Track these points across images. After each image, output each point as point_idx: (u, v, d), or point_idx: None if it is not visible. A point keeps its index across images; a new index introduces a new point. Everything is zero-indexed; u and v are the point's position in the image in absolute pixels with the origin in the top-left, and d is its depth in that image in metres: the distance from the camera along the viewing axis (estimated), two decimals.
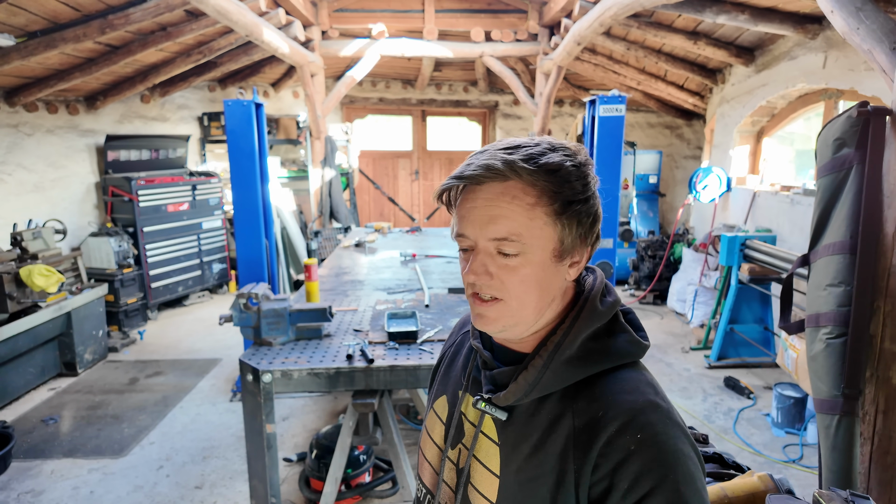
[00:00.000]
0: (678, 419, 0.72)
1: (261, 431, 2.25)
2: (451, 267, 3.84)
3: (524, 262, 0.73)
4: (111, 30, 3.82)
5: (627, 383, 0.74)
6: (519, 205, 0.71)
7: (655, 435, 0.68)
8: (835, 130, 1.61)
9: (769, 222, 4.73)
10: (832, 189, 1.61)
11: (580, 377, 0.75)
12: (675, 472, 0.66)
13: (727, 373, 4.18)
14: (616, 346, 0.77)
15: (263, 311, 2.40)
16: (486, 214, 0.72)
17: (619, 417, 0.69)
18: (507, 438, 0.78)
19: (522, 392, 0.76)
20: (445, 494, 0.86)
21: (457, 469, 0.85)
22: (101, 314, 4.64)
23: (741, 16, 4.00)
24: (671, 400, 0.76)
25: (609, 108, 3.80)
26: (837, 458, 1.48)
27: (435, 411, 0.94)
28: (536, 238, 0.72)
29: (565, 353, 0.75)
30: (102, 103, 5.42)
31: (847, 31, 1.72)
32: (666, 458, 0.67)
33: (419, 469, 0.96)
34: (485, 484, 0.79)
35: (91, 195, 5.52)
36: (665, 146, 8.05)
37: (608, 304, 0.79)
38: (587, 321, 0.76)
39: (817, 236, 1.67)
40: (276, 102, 7.78)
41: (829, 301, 1.55)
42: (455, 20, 6.22)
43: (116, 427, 3.52)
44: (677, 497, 0.65)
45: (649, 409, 0.70)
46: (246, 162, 3.64)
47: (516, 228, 0.71)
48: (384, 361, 2.19)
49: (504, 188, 0.72)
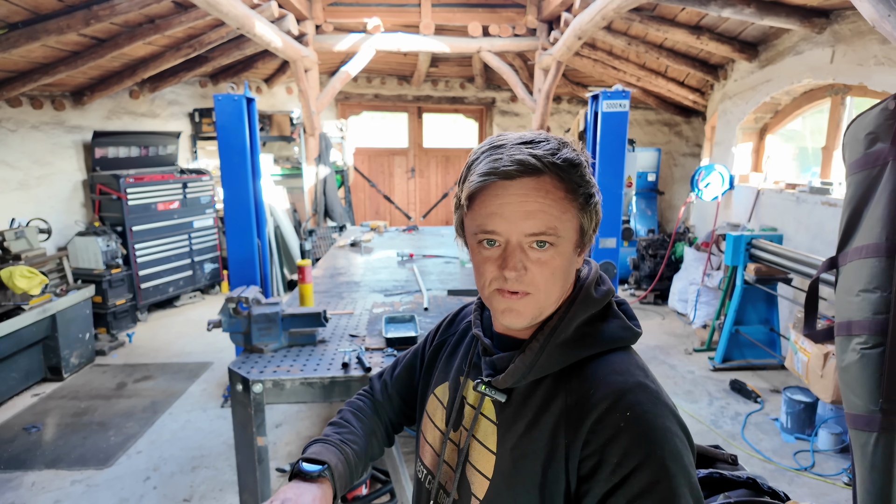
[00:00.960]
0: (666, 400, 0.75)
1: (251, 444, 2.12)
2: (449, 267, 3.72)
3: (556, 254, 0.75)
4: (96, 21, 3.67)
5: (618, 365, 0.77)
6: (553, 199, 0.74)
7: (643, 413, 0.70)
8: (867, 124, 1.50)
9: (774, 221, 4.63)
10: (864, 187, 1.50)
11: (574, 360, 0.78)
12: (661, 449, 0.69)
13: (732, 375, 4.09)
14: (609, 331, 0.80)
15: (254, 317, 2.27)
16: (521, 210, 0.73)
17: (609, 396, 0.72)
18: (505, 418, 0.81)
19: (520, 374, 0.79)
20: (445, 474, 0.90)
21: (458, 449, 0.88)
22: (88, 316, 4.49)
23: (747, 9, 3.89)
24: (676, 404, 0.79)
25: (612, 103, 3.68)
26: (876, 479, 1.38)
27: (436, 396, 0.98)
28: (568, 231, 0.76)
29: (560, 336, 0.78)
30: (90, 99, 5.26)
31: (876, 18, 1.61)
32: (653, 435, 0.69)
33: (420, 452, 1.00)
34: (482, 461, 0.82)
35: (78, 193, 5.36)
36: (663, 143, 7.95)
37: (602, 293, 0.83)
38: (582, 307, 0.80)
39: (847, 238, 1.56)
40: (269, 98, 7.63)
41: (862, 308, 1.45)
42: (452, 14, 6.09)
43: (102, 435, 3.38)
44: (664, 472, 0.67)
45: (638, 389, 0.73)
46: (237, 159, 3.50)
47: (553, 222, 0.74)
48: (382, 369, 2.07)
49: (537, 183, 0.74)
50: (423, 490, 0.97)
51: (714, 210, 5.58)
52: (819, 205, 4.04)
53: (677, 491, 0.68)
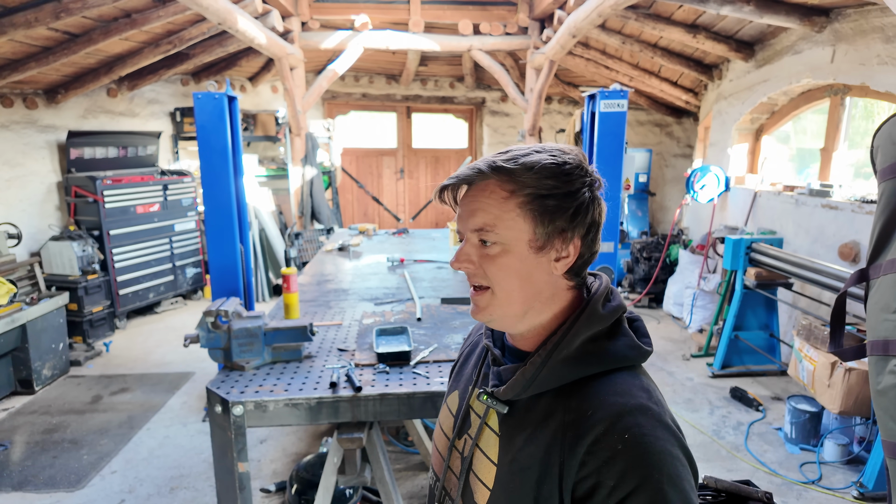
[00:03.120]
0: (669, 423, 0.73)
1: (232, 470, 1.95)
2: (441, 273, 3.57)
3: (502, 251, 0.78)
4: (66, 14, 3.47)
5: (620, 386, 0.75)
6: (494, 198, 0.78)
7: (643, 436, 0.69)
8: None
9: (772, 224, 4.54)
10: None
11: (576, 377, 0.77)
12: (659, 472, 0.67)
13: (732, 382, 3.98)
14: (614, 350, 0.79)
15: (234, 331, 2.11)
16: (468, 209, 0.80)
17: (608, 418, 0.71)
18: (507, 430, 0.82)
19: (520, 387, 0.79)
20: (450, 481, 0.91)
21: (461, 457, 0.89)
22: (62, 325, 4.28)
23: (746, 7, 3.79)
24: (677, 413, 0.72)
25: (610, 103, 3.55)
26: None
27: (448, 406, 0.99)
28: (509, 229, 0.77)
29: (563, 352, 0.78)
30: (64, 97, 5.02)
31: None
32: (651, 459, 0.68)
33: (432, 458, 1.01)
34: (484, 471, 0.83)
35: (52, 196, 5.13)
36: (654, 144, 7.87)
37: (610, 309, 0.81)
38: (586, 323, 0.79)
39: (880, 249, 1.44)
40: (253, 97, 7.42)
41: None
42: (442, 12, 5.95)
43: (74, 454, 3.18)
44: (661, 497, 0.66)
45: (638, 412, 0.71)
46: (218, 160, 3.32)
47: (490, 219, 0.77)
48: (373, 389, 1.91)
49: (484, 185, 0.79)
50: (432, 494, 0.98)
51: (708, 212, 5.49)
52: (819, 207, 3.95)
53: None
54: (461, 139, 8.62)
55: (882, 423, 1.37)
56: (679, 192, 7.33)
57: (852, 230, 3.64)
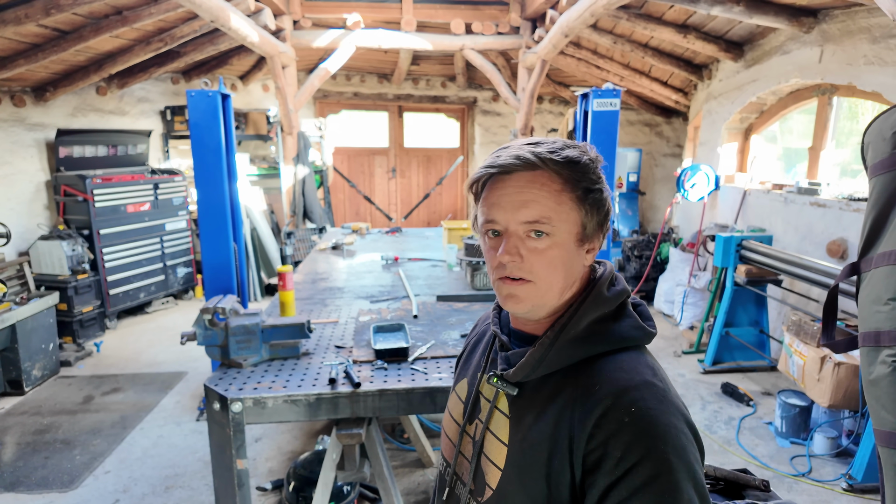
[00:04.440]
0: (674, 398, 0.76)
1: (230, 467, 1.95)
2: (436, 271, 3.58)
3: (552, 243, 0.79)
4: (57, 11, 3.43)
5: (626, 363, 0.78)
6: (547, 191, 0.78)
7: (647, 410, 0.71)
8: (894, 121, 1.42)
9: (761, 221, 4.61)
10: (892, 189, 1.41)
11: (583, 356, 0.80)
12: (664, 444, 0.69)
13: (723, 378, 4.03)
14: (620, 330, 0.82)
15: (232, 328, 2.10)
16: (517, 200, 0.79)
17: (614, 393, 0.73)
18: (516, 411, 0.84)
19: (530, 368, 0.82)
20: (461, 465, 0.93)
21: (473, 441, 0.91)
22: (52, 325, 4.23)
23: (736, 7, 3.84)
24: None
25: (603, 102, 3.58)
26: None
27: (457, 393, 1.01)
28: (563, 221, 0.79)
29: (570, 333, 0.80)
30: (53, 95, 4.97)
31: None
32: (657, 430, 0.70)
33: (441, 445, 1.03)
34: (495, 452, 0.85)
35: (41, 195, 5.07)
36: (644, 144, 7.93)
37: (615, 293, 0.84)
38: (592, 305, 0.82)
39: (871, 243, 1.47)
40: (244, 96, 7.38)
41: (893, 318, 1.36)
42: (434, 11, 5.96)
43: (67, 454, 3.15)
44: (666, 466, 0.68)
45: (643, 387, 0.74)
46: (211, 158, 3.30)
47: (546, 212, 0.78)
48: (372, 385, 1.92)
49: (533, 176, 0.79)
50: (442, 480, 1.00)
51: (699, 210, 5.55)
52: (807, 205, 4.01)
53: (679, 485, 0.69)
54: (453, 139, 8.63)
55: (874, 413, 1.41)
56: (668, 191, 7.40)
57: (840, 228, 3.70)
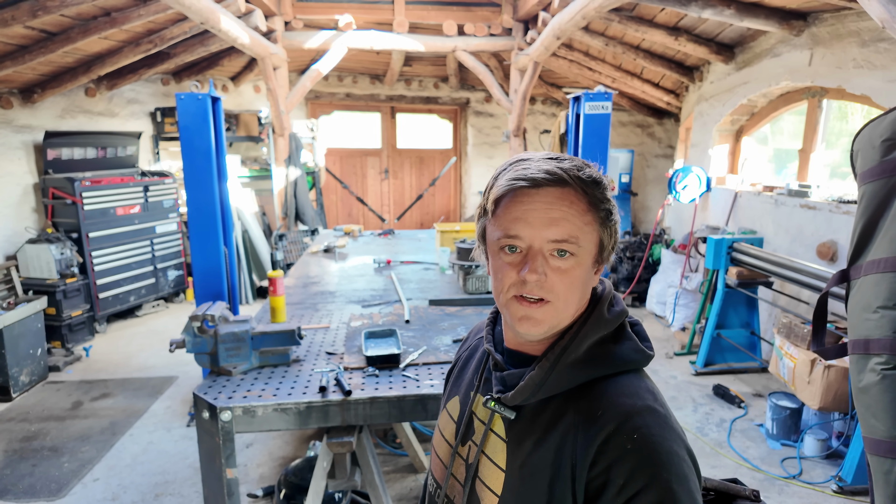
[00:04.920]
0: (675, 425, 0.75)
1: (220, 476, 1.93)
2: (429, 274, 3.57)
3: (576, 264, 0.77)
4: (44, 13, 3.39)
5: (628, 387, 0.77)
6: (576, 210, 0.76)
7: (651, 436, 0.71)
8: (883, 129, 1.42)
9: (752, 223, 4.63)
10: (881, 197, 1.41)
11: (583, 380, 0.78)
12: (668, 472, 0.69)
13: (715, 380, 4.05)
14: (620, 353, 0.80)
15: (221, 336, 2.08)
16: (546, 217, 0.76)
17: (617, 418, 0.72)
18: (514, 435, 0.81)
19: (529, 392, 0.79)
20: (454, 488, 0.90)
21: (466, 464, 0.88)
22: (40, 330, 4.18)
23: (727, 10, 3.86)
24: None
25: (595, 105, 3.58)
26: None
27: (448, 412, 0.98)
28: (587, 242, 0.77)
29: (571, 356, 0.78)
30: (40, 96, 4.91)
31: (887, 18, 1.54)
32: (660, 458, 0.69)
33: (431, 466, 0.99)
34: (491, 478, 0.83)
35: (29, 198, 5.01)
36: (636, 145, 7.96)
37: (615, 314, 0.83)
38: (594, 328, 0.80)
39: (860, 250, 1.48)
40: (235, 97, 7.34)
41: (882, 325, 1.36)
42: (426, 12, 5.94)
43: (55, 462, 3.11)
44: (670, 495, 0.68)
45: (646, 413, 0.73)
46: (201, 161, 3.27)
47: (575, 231, 0.76)
48: (363, 392, 1.91)
49: (562, 193, 0.76)
50: (432, 503, 0.97)
51: (690, 212, 5.57)
52: (798, 207, 4.03)
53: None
54: (446, 140, 8.62)
55: (864, 420, 1.41)
56: (660, 193, 7.42)
57: (830, 230, 3.72)
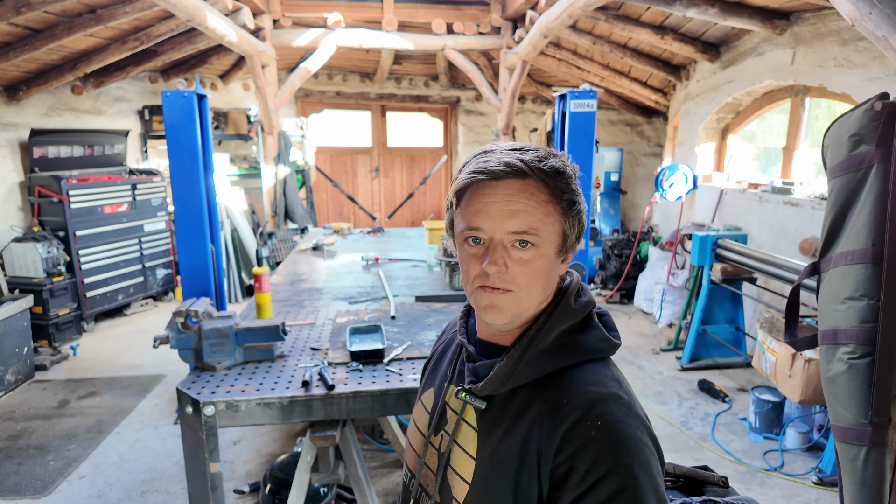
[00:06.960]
0: (638, 411, 0.76)
1: (204, 471, 1.94)
2: (416, 272, 3.59)
3: (537, 255, 0.78)
4: (28, 9, 3.38)
5: (593, 376, 0.78)
6: (536, 201, 0.77)
7: (614, 423, 0.72)
8: (850, 125, 1.45)
9: (737, 220, 4.68)
10: (848, 191, 1.44)
11: (551, 369, 0.80)
12: (630, 458, 0.70)
13: (700, 375, 4.10)
14: (586, 343, 0.82)
15: (205, 331, 2.09)
16: (506, 209, 0.77)
17: (582, 406, 0.74)
18: (485, 424, 0.83)
19: (498, 382, 0.81)
20: (426, 476, 0.92)
21: (438, 453, 0.90)
22: (26, 329, 4.16)
23: (711, 9, 3.90)
24: (646, 405, 0.80)
25: (580, 103, 3.61)
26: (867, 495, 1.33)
27: (422, 403, 1.00)
28: (549, 233, 0.78)
29: (538, 346, 0.80)
30: (26, 94, 4.88)
31: (857, 16, 1.57)
32: (622, 445, 0.71)
33: (406, 455, 1.01)
34: (462, 466, 0.84)
35: (14, 196, 4.98)
36: (625, 143, 8.01)
37: (582, 304, 0.84)
38: (560, 318, 0.81)
39: (830, 243, 1.51)
40: (224, 95, 7.31)
41: (849, 316, 1.39)
42: (415, 11, 5.95)
43: (40, 460, 3.11)
44: (631, 480, 0.69)
45: (610, 400, 0.74)
46: (187, 160, 3.27)
47: (535, 223, 0.77)
48: (346, 387, 1.92)
49: (522, 185, 0.77)
50: (407, 491, 0.99)
51: (677, 210, 5.62)
52: (781, 204, 4.09)
53: (644, 499, 0.69)
54: (436, 138, 8.64)
55: (832, 409, 1.45)
56: (649, 191, 7.48)
57: (812, 226, 3.77)
